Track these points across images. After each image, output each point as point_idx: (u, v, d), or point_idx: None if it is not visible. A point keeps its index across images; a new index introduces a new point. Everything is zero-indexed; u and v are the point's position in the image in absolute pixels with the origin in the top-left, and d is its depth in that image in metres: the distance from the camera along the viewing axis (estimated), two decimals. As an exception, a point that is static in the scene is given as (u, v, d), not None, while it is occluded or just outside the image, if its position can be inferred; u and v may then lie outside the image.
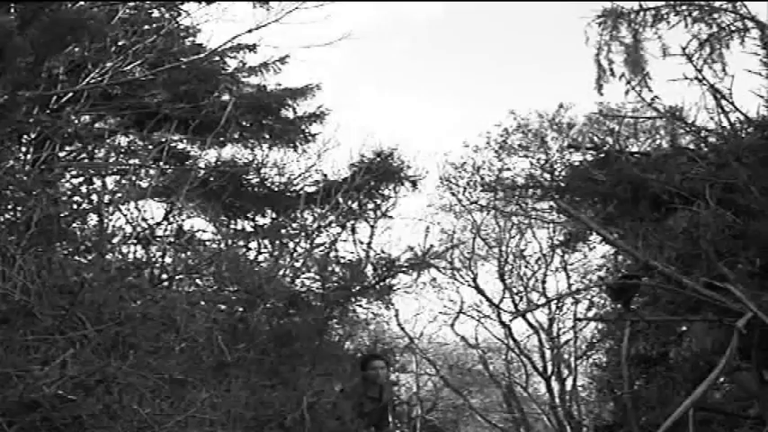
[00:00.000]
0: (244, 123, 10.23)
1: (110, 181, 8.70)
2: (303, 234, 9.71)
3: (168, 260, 8.06)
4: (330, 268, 9.09)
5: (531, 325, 15.11)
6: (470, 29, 28.89)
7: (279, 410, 5.45)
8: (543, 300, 14.83)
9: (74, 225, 6.53)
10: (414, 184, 10.94)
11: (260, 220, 10.77)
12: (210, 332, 6.45)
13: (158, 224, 8.59)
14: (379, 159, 10.63)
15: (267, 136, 10.50)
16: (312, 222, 10.02)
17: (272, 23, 9.12)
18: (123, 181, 8.57)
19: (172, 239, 8.33)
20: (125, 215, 7.92)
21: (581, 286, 14.28)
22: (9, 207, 5.61)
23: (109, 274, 5.57)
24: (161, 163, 8.86)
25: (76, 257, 6.22)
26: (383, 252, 10.13)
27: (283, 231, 9.98)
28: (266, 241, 9.72)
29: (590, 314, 13.34)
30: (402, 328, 14.89)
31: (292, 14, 9.19)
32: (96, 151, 9.48)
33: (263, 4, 9.15)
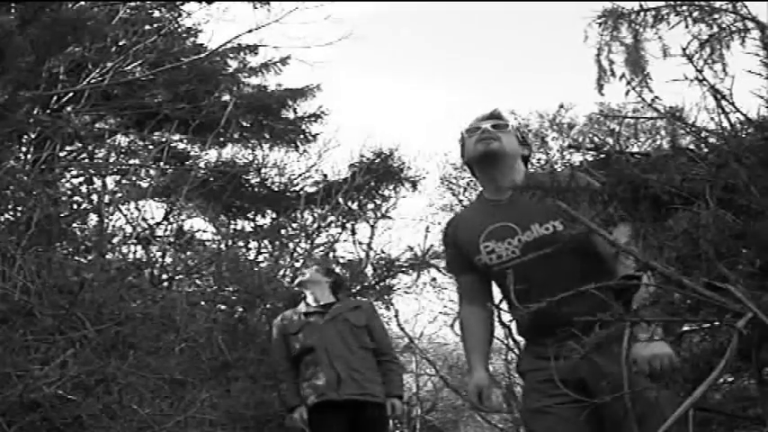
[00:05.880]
0: (244, 123, 10.24)
1: (110, 181, 8.72)
2: (303, 234, 9.72)
3: (168, 260, 8.08)
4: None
5: (531, 325, 15.19)
6: (471, 28, 28.89)
7: (279, 410, 5.44)
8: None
9: (74, 225, 6.53)
10: (414, 184, 10.96)
11: (260, 221, 10.79)
12: (210, 332, 6.46)
13: (158, 224, 8.61)
14: (379, 160, 10.64)
15: (267, 136, 10.51)
16: (312, 223, 10.03)
17: (273, 23, 9.15)
18: (123, 181, 8.58)
19: (172, 239, 8.34)
20: (125, 215, 7.94)
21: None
22: (9, 207, 5.61)
23: (109, 274, 5.57)
24: (161, 163, 8.87)
25: (76, 257, 6.22)
26: (383, 252, 10.17)
27: (283, 231, 9.99)
28: (266, 241, 9.73)
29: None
30: (402, 329, 14.89)
31: (292, 14, 9.24)
32: (96, 151, 9.49)
33: (263, 5, 9.18)
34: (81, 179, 8.18)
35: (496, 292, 2.86)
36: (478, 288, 2.81)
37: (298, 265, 8.79)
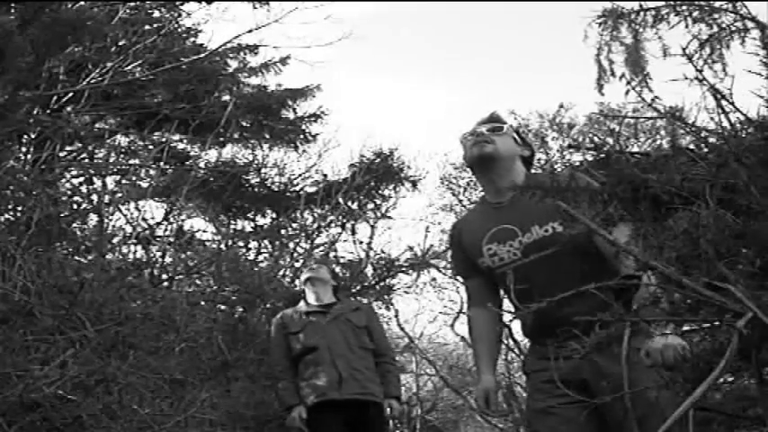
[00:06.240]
0: (244, 123, 10.24)
1: (110, 181, 8.71)
2: (303, 234, 9.71)
3: (168, 260, 8.07)
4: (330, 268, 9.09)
5: (531, 325, 15.18)
6: (471, 28, 28.89)
7: (279, 410, 5.44)
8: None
9: (74, 225, 6.53)
10: (414, 184, 10.96)
11: (260, 220, 10.78)
12: (210, 332, 6.45)
13: (158, 224, 8.61)
14: (379, 160, 10.63)
15: (267, 136, 10.50)
16: (312, 223, 10.03)
17: (273, 23, 9.16)
18: (123, 181, 8.58)
19: (172, 239, 8.34)
20: (125, 215, 7.94)
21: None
22: (9, 207, 5.61)
23: (109, 274, 5.57)
24: (161, 163, 8.87)
25: (76, 257, 6.22)
26: (383, 252, 10.16)
27: (283, 231, 9.99)
28: (266, 241, 9.73)
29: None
30: (402, 329, 14.90)
31: (292, 14, 9.24)
32: (96, 151, 9.49)
33: (263, 5, 9.18)
34: (81, 179, 8.17)
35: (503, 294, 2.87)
36: (485, 291, 2.84)
37: (298, 265, 8.79)
